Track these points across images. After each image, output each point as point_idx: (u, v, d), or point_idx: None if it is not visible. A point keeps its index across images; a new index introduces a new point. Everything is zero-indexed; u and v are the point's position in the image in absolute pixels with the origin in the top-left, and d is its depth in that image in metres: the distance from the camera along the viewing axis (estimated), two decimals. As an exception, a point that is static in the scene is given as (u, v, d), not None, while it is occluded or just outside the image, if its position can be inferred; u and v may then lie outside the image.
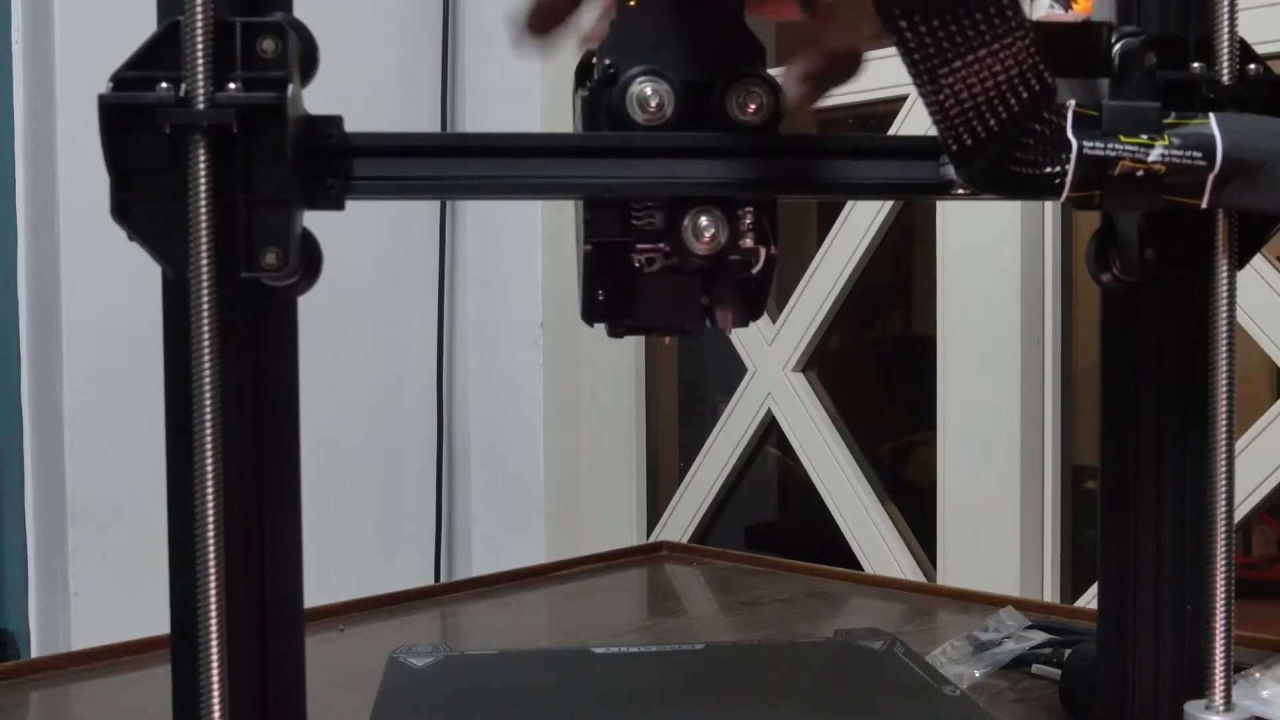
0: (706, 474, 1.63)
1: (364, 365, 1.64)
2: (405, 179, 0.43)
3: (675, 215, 0.46)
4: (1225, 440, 0.43)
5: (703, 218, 0.45)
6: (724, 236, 0.45)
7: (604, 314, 0.49)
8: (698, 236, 0.45)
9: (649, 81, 0.44)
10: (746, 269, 0.47)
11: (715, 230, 0.45)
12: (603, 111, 0.45)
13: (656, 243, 0.46)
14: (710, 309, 0.49)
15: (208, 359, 0.38)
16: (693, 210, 0.45)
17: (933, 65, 0.39)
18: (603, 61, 0.45)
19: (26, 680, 0.82)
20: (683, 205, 0.45)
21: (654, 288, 0.48)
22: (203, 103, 0.38)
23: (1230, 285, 0.43)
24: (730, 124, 0.45)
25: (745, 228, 0.46)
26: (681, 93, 0.45)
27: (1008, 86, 0.39)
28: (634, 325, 0.50)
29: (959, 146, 0.40)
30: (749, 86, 0.45)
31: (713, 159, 0.45)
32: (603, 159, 0.44)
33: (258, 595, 0.42)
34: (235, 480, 0.41)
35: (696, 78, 0.45)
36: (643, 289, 0.48)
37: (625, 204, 0.46)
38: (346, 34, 1.53)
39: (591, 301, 0.49)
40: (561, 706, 0.63)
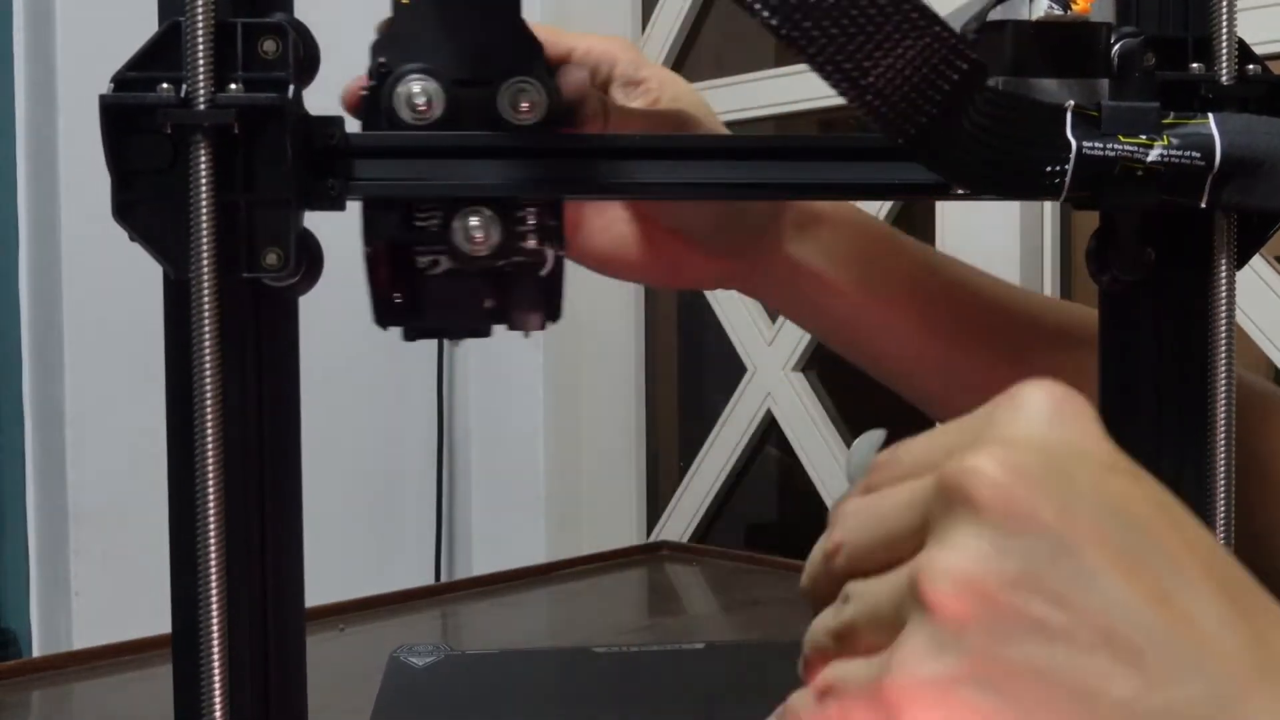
0: (706, 474, 1.63)
1: (364, 365, 1.64)
2: (405, 180, 0.43)
3: (452, 216, 0.44)
4: (1224, 440, 0.43)
5: (472, 218, 0.44)
6: (497, 237, 0.44)
7: (396, 317, 0.49)
8: (468, 238, 0.44)
9: (417, 80, 0.43)
10: (534, 270, 0.46)
11: (486, 231, 0.44)
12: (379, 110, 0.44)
13: (437, 244, 0.45)
14: (506, 312, 0.48)
15: (209, 359, 0.39)
16: (462, 211, 0.44)
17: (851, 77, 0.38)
18: (376, 60, 0.44)
19: (28, 679, 0.83)
20: (459, 206, 0.44)
21: (438, 290, 0.46)
22: (204, 103, 0.38)
23: (1229, 285, 0.43)
24: (504, 124, 0.44)
25: (527, 228, 0.45)
26: (452, 92, 0.44)
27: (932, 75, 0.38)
28: (424, 328, 0.49)
29: (906, 139, 0.39)
30: (519, 85, 0.44)
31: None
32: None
33: (259, 595, 0.42)
34: (236, 480, 0.41)
35: (468, 76, 0.44)
36: (428, 291, 0.47)
37: (407, 205, 0.45)
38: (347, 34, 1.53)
39: (383, 304, 0.48)
40: (561, 706, 0.63)
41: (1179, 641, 0.28)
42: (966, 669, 0.28)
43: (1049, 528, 0.28)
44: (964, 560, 0.29)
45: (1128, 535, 0.29)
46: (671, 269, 0.58)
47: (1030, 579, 0.28)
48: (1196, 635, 0.28)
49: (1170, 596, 0.28)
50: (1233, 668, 0.28)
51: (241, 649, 0.41)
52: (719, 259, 0.58)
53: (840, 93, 0.39)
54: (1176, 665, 0.28)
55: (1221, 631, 0.28)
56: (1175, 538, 0.30)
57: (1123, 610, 0.28)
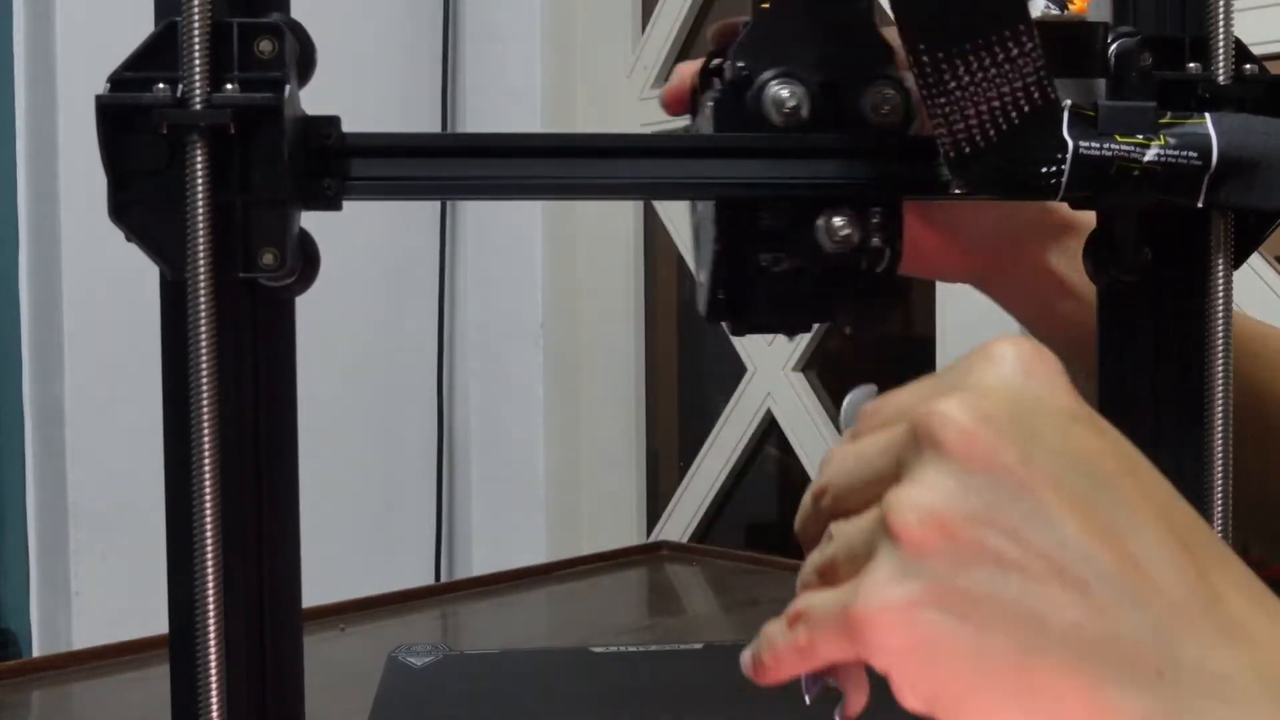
0: (706, 473, 1.64)
1: (364, 365, 1.65)
2: (403, 179, 0.43)
3: (804, 216, 0.46)
4: (1222, 439, 0.43)
5: (836, 218, 0.45)
6: (858, 236, 0.45)
7: (728, 312, 0.50)
8: (831, 236, 0.45)
9: (785, 84, 0.45)
10: (873, 268, 0.47)
11: (850, 230, 0.45)
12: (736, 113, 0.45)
13: (784, 242, 0.46)
14: (833, 308, 0.50)
15: (205, 359, 0.39)
16: (825, 210, 0.45)
17: (945, 84, 0.39)
18: (736, 64, 0.45)
19: (28, 679, 0.83)
20: (811, 206, 0.45)
21: (778, 288, 0.48)
22: (200, 103, 0.38)
23: (1226, 284, 0.43)
24: (865, 125, 0.45)
25: (874, 227, 0.46)
26: (816, 94, 0.45)
27: (1011, 101, 0.39)
28: (757, 324, 0.50)
29: (957, 155, 0.40)
30: (882, 88, 0.45)
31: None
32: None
33: (256, 595, 0.42)
34: (234, 480, 0.41)
35: (829, 79, 0.45)
36: (767, 289, 0.48)
37: (756, 203, 0.46)
38: (345, 34, 1.53)
39: (716, 300, 0.49)
40: (561, 706, 0.63)
41: (1125, 578, 0.30)
42: (928, 594, 0.31)
43: (1009, 470, 0.31)
44: (929, 495, 0.31)
45: (1084, 481, 0.31)
46: (929, 261, 0.60)
47: (989, 515, 0.31)
48: (1142, 573, 0.31)
49: (1120, 538, 0.31)
50: (1175, 605, 0.30)
51: (239, 649, 0.41)
52: (980, 256, 0.59)
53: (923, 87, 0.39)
54: (1121, 598, 0.30)
55: (1168, 572, 0.31)
56: (1130, 484, 0.32)
57: (1073, 547, 0.30)
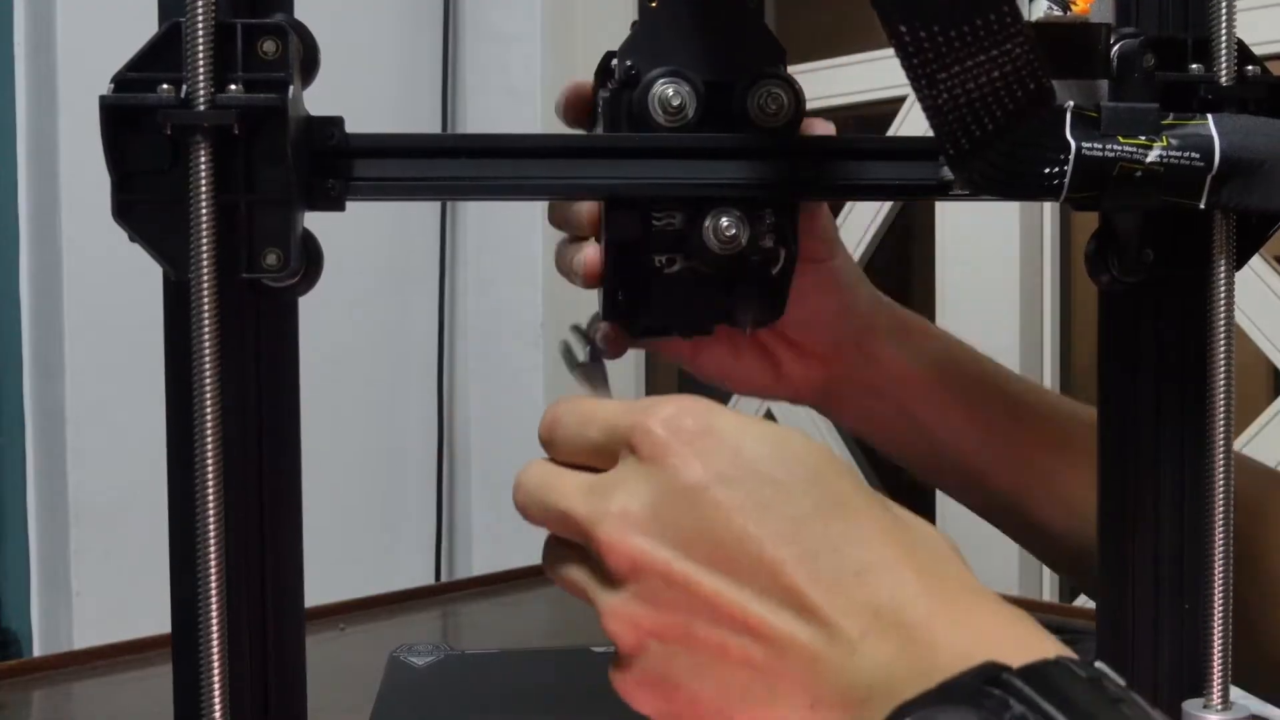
0: (707, 474, 1.63)
1: (364, 365, 1.64)
2: (406, 180, 0.43)
3: (695, 216, 0.45)
4: (1223, 439, 0.43)
5: (723, 218, 0.45)
6: (745, 237, 0.45)
7: (624, 313, 0.49)
8: (718, 237, 0.45)
9: (671, 83, 0.44)
10: (766, 269, 0.47)
11: (736, 231, 0.45)
12: (624, 113, 0.45)
13: (676, 243, 0.46)
14: (730, 309, 0.49)
15: (208, 359, 0.39)
16: (713, 211, 0.45)
17: (931, 69, 0.39)
18: (624, 63, 0.45)
19: (29, 679, 0.83)
20: (701, 206, 0.45)
21: (673, 288, 0.48)
22: (204, 104, 0.38)
23: (1228, 285, 0.43)
24: (751, 125, 0.45)
25: (765, 228, 0.46)
26: (703, 94, 0.45)
27: (1004, 89, 0.39)
28: (653, 326, 0.50)
29: (956, 149, 0.40)
30: (769, 87, 0.45)
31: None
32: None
33: (258, 594, 0.42)
34: (236, 480, 0.41)
35: (717, 79, 0.45)
36: (662, 290, 0.48)
37: (646, 204, 0.46)
38: (347, 35, 1.53)
39: (613, 301, 0.49)
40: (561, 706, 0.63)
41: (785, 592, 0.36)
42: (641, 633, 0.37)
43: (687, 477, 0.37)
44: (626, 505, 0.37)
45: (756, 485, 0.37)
46: (779, 377, 0.60)
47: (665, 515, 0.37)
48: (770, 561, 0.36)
49: None
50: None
51: (241, 649, 0.41)
52: (824, 362, 0.60)
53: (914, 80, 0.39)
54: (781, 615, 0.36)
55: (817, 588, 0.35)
56: None
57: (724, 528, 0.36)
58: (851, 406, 0.63)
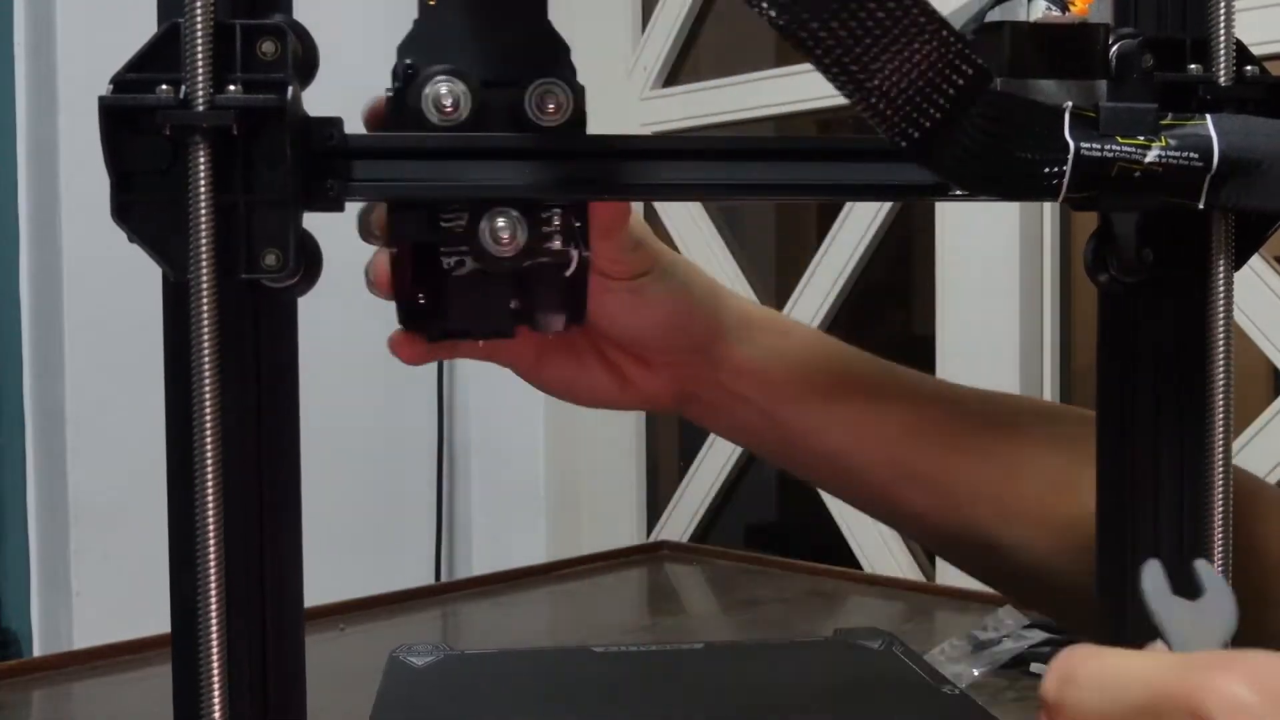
0: (706, 474, 1.63)
1: (364, 366, 1.64)
2: (404, 180, 0.43)
3: (477, 217, 0.44)
4: (1223, 440, 0.43)
5: (499, 219, 0.44)
6: (523, 238, 0.44)
7: (421, 318, 0.49)
8: (495, 238, 0.44)
9: (445, 81, 0.43)
10: (559, 271, 0.46)
11: (512, 232, 0.44)
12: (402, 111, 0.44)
13: (462, 245, 0.45)
14: (529, 313, 0.48)
15: (208, 360, 0.39)
16: (489, 212, 0.44)
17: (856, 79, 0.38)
18: (402, 61, 0.44)
19: (29, 679, 0.83)
20: (485, 207, 0.44)
21: (464, 290, 0.47)
22: (203, 105, 0.38)
23: (1227, 285, 0.43)
24: (530, 125, 0.43)
25: (552, 229, 0.45)
26: (480, 93, 0.43)
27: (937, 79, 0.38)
28: (447, 329, 0.49)
29: (909, 142, 0.39)
30: (546, 86, 0.44)
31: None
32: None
33: (258, 594, 0.42)
34: (236, 480, 0.41)
35: (496, 78, 0.44)
36: (452, 291, 0.47)
37: (432, 206, 0.45)
38: (346, 35, 1.53)
39: (407, 305, 0.48)
40: (561, 706, 0.63)
41: None
42: None
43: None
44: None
45: None
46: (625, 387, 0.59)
47: None
48: None
49: None
50: None
51: (241, 649, 0.41)
52: (670, 369, 0.59)
53: (845, 94, 0.39)
54: None
55: None
56: None
57: None
58: (710, 410, 0.62)
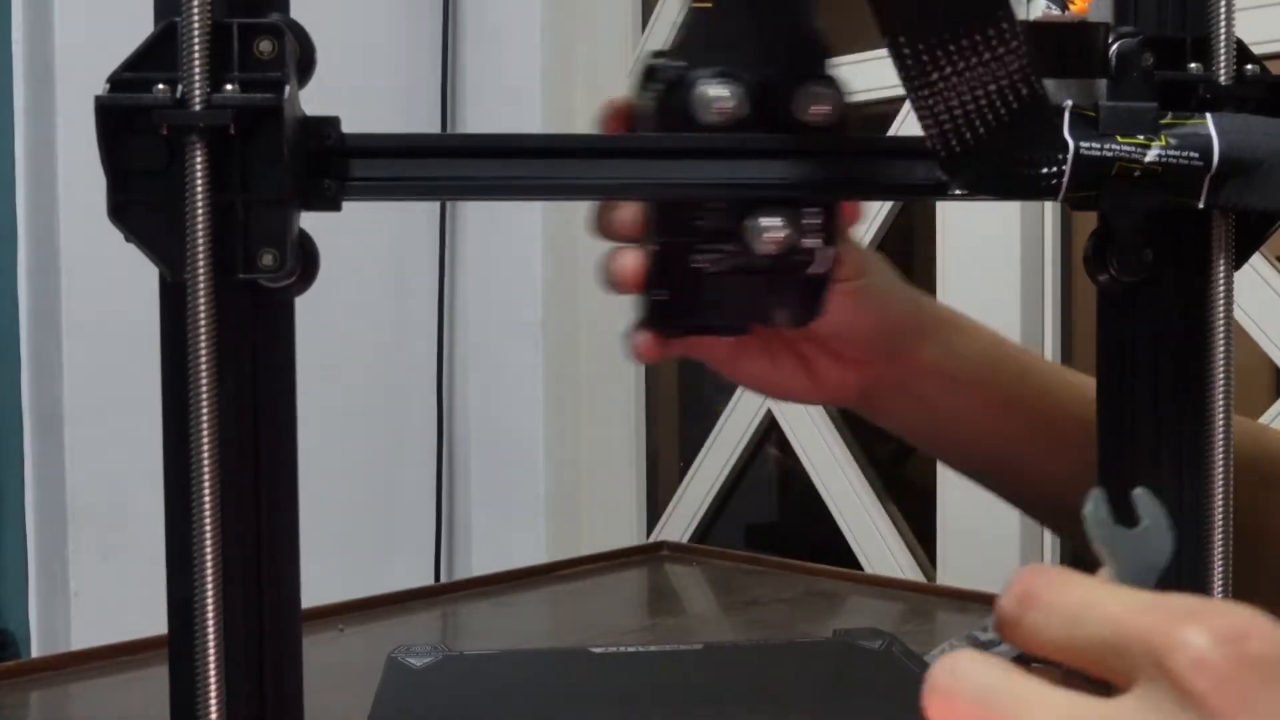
0: (706, 474, 1.63)
1: (364, 365, 1.64)
2: (403, 180, 0.43)
3: (739, 216, 0.45)
4: (1223, 440, 0.43)
5: (770, 218, 0.45)
6: (790, 237, 0.45)
7: (664, 315, 0.49)
8: (764, 236, 0.45)
9: (719, 83, 0.44)
10: (807, 268, 0.47)
11: (784, 231, 0.45)
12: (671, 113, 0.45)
13: (719, 243, 0.46)
14: (773, 308, 0.49)
15: (205, 360, 0.38)
16: (758, 210, 0.45)
17: (927, 77, 0.39)
18: (672, 63, 0.45)
19: (27, 680, 0.82)
20: (747, 205, 0.45)
21: (713, 288, 0.48)
22: (200, 104, 0.38)
23: (1228, 285, 0.43)
24: (797, 125, 0.45)
25: (808, 227, 0.46)
26: (752, 93, 0.44)
27: (999, 97, 0.39)
28: (693, 326, 0.50)
29: (948, 153, 0.40)
30: (817, 88, 0.45)
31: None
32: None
33: (256, 595, 0.42)
34: (233, 480, 0.41)
35: (766, 79, 0.45)
36: (706, 289, 0.48)
37: (691, 205, 0.46)
38: (345, 34, 1.53)
39: (653, 303, 0.49)
40: (561, 706, 0.63)
41: None
42: None
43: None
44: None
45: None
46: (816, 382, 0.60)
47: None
48: None
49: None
50: None
51: (238, 650, 0.41)
52: (862, 366, 0.60)
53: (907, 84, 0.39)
54: None
55: None
56: None
57: None
58: (890, 408, 0.62)
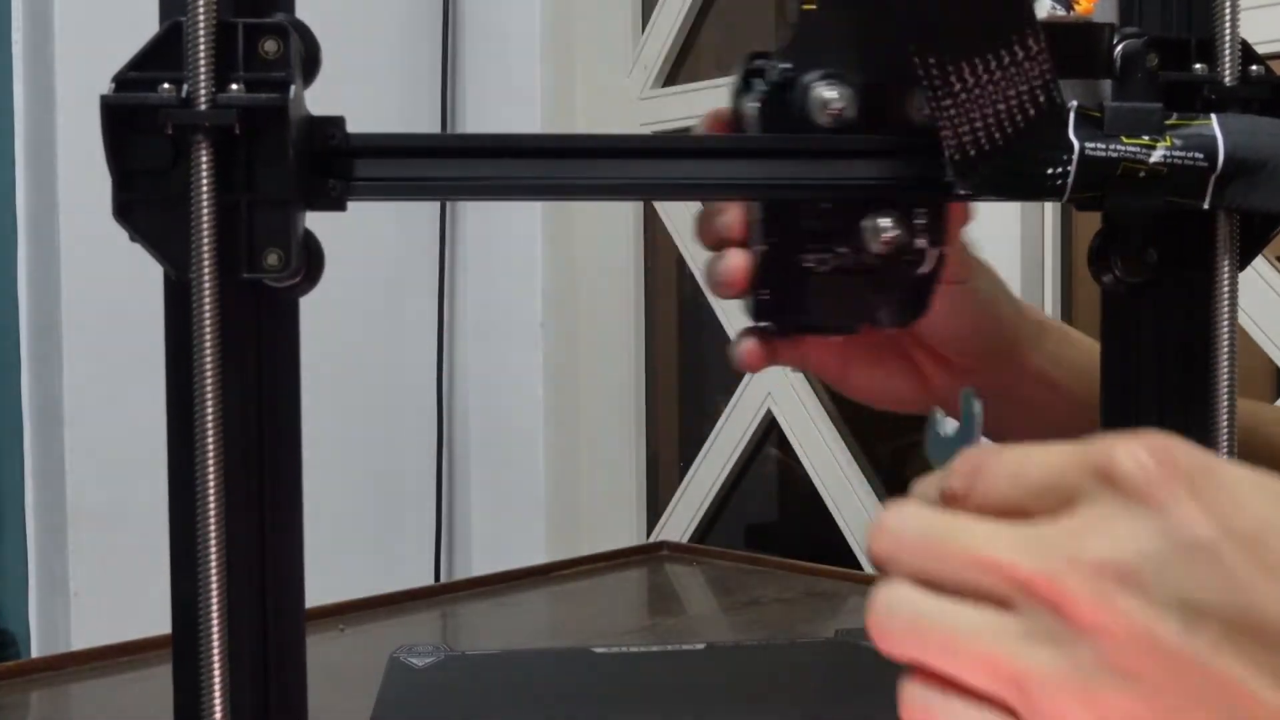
0: (706, 474, 1.63)
1: (364, 365, 1.64)
2: (408, 180, 0.43)
3: (849, 216, 0.46)
4: (1226, 440, 0.43)
5: (884, 219, 0.45)
6: (904, 237, 0.46)
7: (772, 313, 0.50)
8: (878, 236, 0.45)
9: (831, 85, 0.45)
10: (913, 269, 0.48)
11: (898, 231, 0.45)
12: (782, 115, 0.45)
13: (829, 243, 0.47)
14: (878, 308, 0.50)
15: (209, 359, 0.38)
16: (873, 211, 0.46)
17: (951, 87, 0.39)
18: (780, 66, 0.46)
19: (27, 680, 0.82)
20: (858, 206, 0.46)
21: (821, 288, 0.48)
22: (205, 103, 0.38)
23: (1231, 286, 0.43)
24: (911, 127, 0.45)
25: (919, 228, 0.46)
26: (861, 95, 0.45)
27: (1019, 107, 0.39)
28: (799, 324, 0.51)
29: (962, 157, 0.40)
30: None
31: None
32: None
33: (258, 595, 0.42)
34: (236, 480, 0.41)
35: (874, 79, 0.45)
36: (810, 289, 0.48)
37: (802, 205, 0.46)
38: (348, 35, 1.53)
39: (761, 302, 0.49)
40: (561, 706, 0.63)
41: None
42: None
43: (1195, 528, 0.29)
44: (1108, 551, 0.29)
45: None
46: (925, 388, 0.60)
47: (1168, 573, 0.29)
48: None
49: None
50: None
51: (241, 649, 0.41)
52: (970, 372, 0.60)
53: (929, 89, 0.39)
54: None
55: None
56: None
57: None
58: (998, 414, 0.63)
